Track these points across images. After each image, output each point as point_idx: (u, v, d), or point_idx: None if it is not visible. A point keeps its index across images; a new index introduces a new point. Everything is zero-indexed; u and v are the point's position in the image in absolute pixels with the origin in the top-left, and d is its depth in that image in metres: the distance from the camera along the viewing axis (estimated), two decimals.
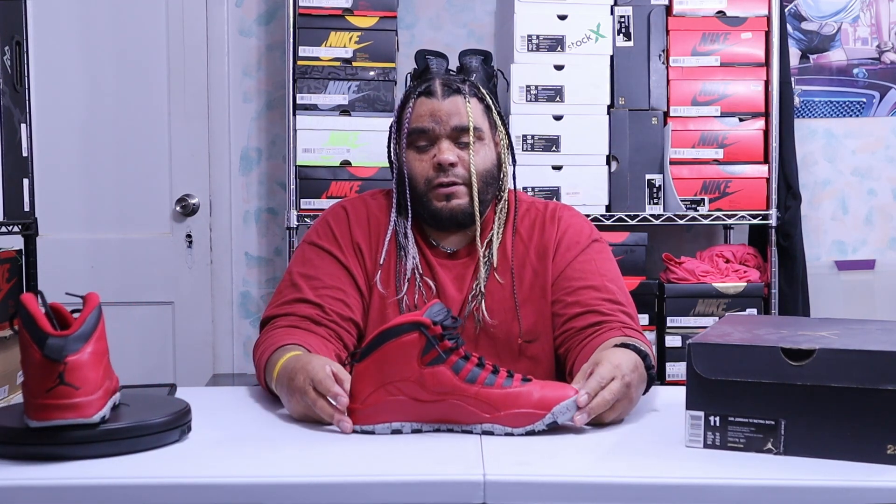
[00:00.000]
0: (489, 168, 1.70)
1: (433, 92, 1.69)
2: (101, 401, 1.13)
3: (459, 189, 1.66)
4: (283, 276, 1.71)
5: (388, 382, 1.24)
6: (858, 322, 1.33)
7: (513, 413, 1.23)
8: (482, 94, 1.73)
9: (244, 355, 3.09)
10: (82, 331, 1.13)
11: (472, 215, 1.67)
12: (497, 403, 1.23)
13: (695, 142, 2.78)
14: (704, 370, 1.15)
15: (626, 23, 2.76)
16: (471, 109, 1.67)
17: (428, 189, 1.67)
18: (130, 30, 3.02)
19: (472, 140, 1.66)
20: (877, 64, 3.14)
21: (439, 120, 1.67)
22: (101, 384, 1.14)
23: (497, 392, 1.23)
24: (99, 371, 1.14)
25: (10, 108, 2.13)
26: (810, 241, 3.06)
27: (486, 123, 1.72)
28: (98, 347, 1.15)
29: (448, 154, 1.65)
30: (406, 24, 3.06)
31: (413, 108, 1.70)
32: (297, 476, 1.08)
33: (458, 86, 1.70)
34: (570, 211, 1.78)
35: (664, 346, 2.72)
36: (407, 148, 1.70)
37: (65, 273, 2.90)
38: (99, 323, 1.16)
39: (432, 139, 1.68)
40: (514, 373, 1.28)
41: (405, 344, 1.23)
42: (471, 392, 1.23)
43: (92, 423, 1.12)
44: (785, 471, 1.08)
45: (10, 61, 2.13)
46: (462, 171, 1.66)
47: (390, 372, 1.24)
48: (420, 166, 1.68)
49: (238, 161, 3.10)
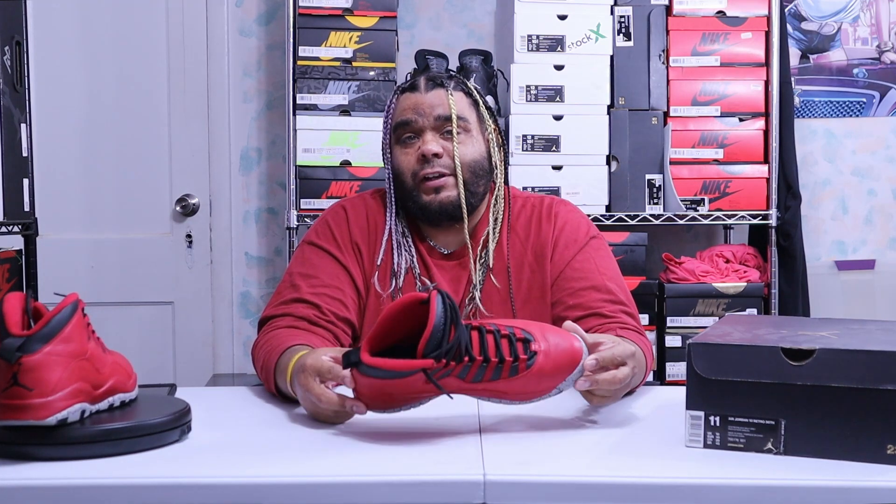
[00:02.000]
0: (477, 159, 1.69)
1: (416, 86, 1.71)
2: (62, 403, 1.10)
3: (447, 180, 1.66)
4: (283, 276, 1.71)
5: (395, 397, 1.23)
6: (858, 322, 1.33)
7: (519, 395, 1.23)
8: (469, 89, 1.73)
9: (244, 355, 3.09)
10: (43, 332, 1.10)
11: (461, 207, 1.66)
12: (503, 391, 1.23)
13: (695, 142, 2.78)
14: (704, 370, 1.15)
15: (626, 23, 2.76)
16: (453, 101, 1.68)
17: (416, 183, 1.67)
18: (130, 30, 3.03)
19: (455, 129, 1.66)
20: (877, 64, 3.14)
21: (422, 112, 1.67)
22: (65, 386, 1.10)
23: (503, 383, 1.22)
24: (62, 372, 1.10)
25: (10, 108, 2.13)
26: (810, 241, 3.06)
27: (474, 116, 1.71)
28: (66, 349, 1.11)
29: (431, 144, 1.66)
30: (406, 24, 3.06)
31: (396, 103, 1.71)
32: (297, 476, 1.08)
33: (441, 80, 1.71)
34: (566, 206, 1.77)
35: (664, 346, 2.72)
36: (394, 144, 1.71)
37: (65, 273, 2.90)
38: (67, 324, 1.12)
39: (417, 131, 1.68)
40: (520, 354, 1.21)
41: (410, 380, 1.19)
42: (478, 388, 1.22)
43: (46, 425, 1.09)
44: (785, 471, 1.08)
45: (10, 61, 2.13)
46: (448, 161, 1.66)
47: (396, 394, 1.22)
48: (406, 160, 1.69)
49: (238, 161, 3.10)
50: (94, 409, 1.17)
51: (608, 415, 1.37)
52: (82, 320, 1.16)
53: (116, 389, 1.21)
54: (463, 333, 1.18)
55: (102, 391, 1.18)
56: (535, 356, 1.22)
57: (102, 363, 1.19)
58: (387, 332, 1.22)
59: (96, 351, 1.18)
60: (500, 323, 1.24)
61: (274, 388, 1.45)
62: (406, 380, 1.18)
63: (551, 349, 1.23)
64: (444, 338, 1.16)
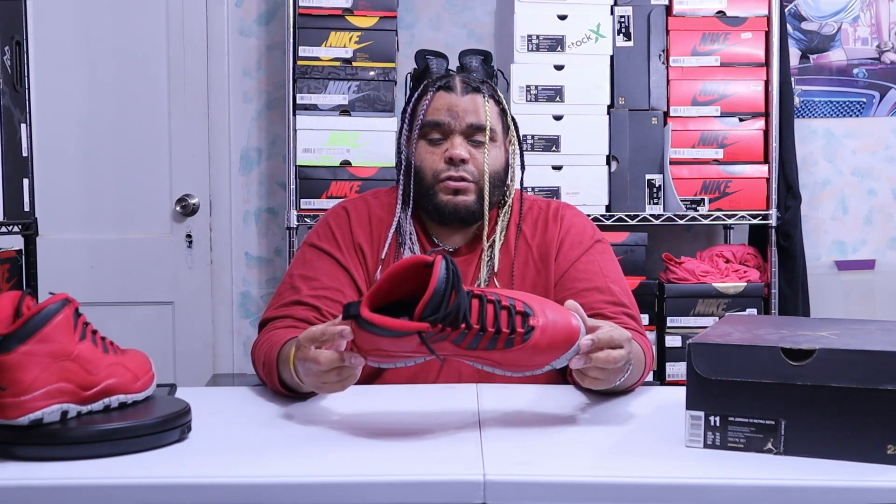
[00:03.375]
0: (498, 170, 1.70)
1: (452, 87, 1.70)
2: (38, 403, 1.10)
3: (468, 186, 1.66)
4: (284, 277, 1.71)
5: (390, 354, 1.23)
6: (858, 322, 1.33)
7: (512, 366, 1.23)
8: (499, 98, 1.74)
9: (244, 355, 3.09)
10: (20, 331, 1.10)
11: (475, 213, 1.67)
12: (497, 362, 1.23)
13: (695, 142, 2.78)
14: (704, 370, 1.15)
15: (626, 23, 2.76)
16: (489, 109, 1.68)
17: (435, 182, 1.67)
18: (130, 30, 3.03)
19: (487, 139, 1.67)
20: (877, 64, 3.14)
21: (456, 115, 1.67)
22: (41, 386, 1.10)
23: (497, 354, 1.22)
24: (39, 372, 1.10)
25: (10, 108, 2.13)
26: (810, 241, 3.06)
27: (500, 126, 1.73)
28: (45, 348, 1.11)
29: (461, 150, 1.66)
30: (406, 24, 3.06)
31: (430, 100, 1.70)
32: (297, 476, 1.08)
33: (477, 84, 1.71)
34: (572, 210, 1.78)
35: (664, 346, 2.72)
36: (418, 139, 1.70)
37: (65, 273, 2.90)
38: (47, 323, 1.12)
39: (446, 133, 1.68)
40: (517, 327, 1.20)
41: (404, 340, 1.20)
42: (471, 355, 1.22)
43: (18, 425, 1.09)
44: (785, 471, 1.08)
45: (10, 61, 2.13)
46: (473, 169, 1.67)
47: (390, 350, 1.22)
48: (430, 158, 1.69)
49: (238, 161, 3.10)
50: (82, 409, 1.16)
51: (608, 415, 1.37)
52: (69, 320, 1.15)
53: (113, 391, 1.20)
54: (463, 300, 1.18)
55: (94, 392, 1.17)
56: (532, 331, 1.21)
57: (96, 364, 1.17)
58: (389, 289, 1.22)
59: (88, 351, 1.17)
60: (502, 293, 1.23)
61: (278, 383, 1.45)
62: (401, 339, 1.17)
63: (549, 325, 1.22)
64: (444, 303, 1.16)
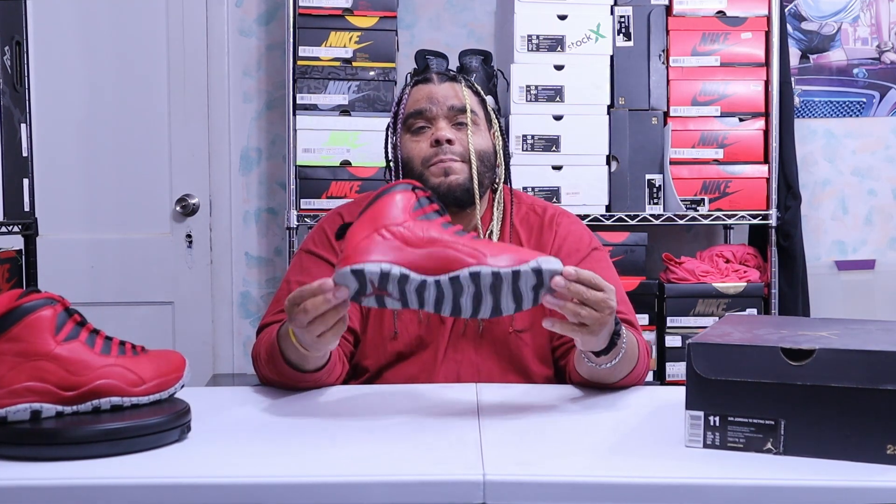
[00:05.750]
0: (486, 150, 1.71)
1: (429, 78, 1.74)
2: (2, 401, 1.11)
3: (457, 165, 1.67)
4: (281, 283, 1.71)
5: (381, 227, 1.27)
6: (858, 322, 1.33)
7: (499, 257, 1.24)
8: (476, 89, 1.77)
9: (244, 355, 3.09)
10: None
11: (469, 191, 1.67)
12: (483, 249, 1.25)
13: (695, 142, 2.78)
14: (704, 370, 1.15)
15: (626, 23, 2.76)
16: (467, 94, 1.71)
17: (425, 167, 1.68)
18: (130, 30, 3.03)
19: (469, 120, 1.69)
20: (877, 64, 3.14)
21: (436, 101, 1.70)
22: (7, 385, 1.11)
23: (483, 241, 1.27)
24: (6, 371, 1.11)
25: (10, 108, 2.13)
26: (810, 241, 3.06)
27: (482, 112, 1.75)
28: (13, 347, 1.12)
29: (445, 131, 1.68)
30: (406, 24, 3.06)
31: (409, 94, 1.73)
32: (297, 476, 1.08)
33: (454, 74, 1.75)
34: (568, 217, 1.78)
35: (664, 346, 2.72)
36: (404, 133, 1.72)
37: (65, 273, 2.90)
38: (17, 323, 1.12)
39: (429, 120, 1.70)
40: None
41: (398, 197, 1.29)
42: (459, 241, 1.26)
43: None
44: (785, 471, 1.08)
45: (10, 61, 2.14)
46: (459, 149, 1.68)
47: (383, 218, 1.28)
48: (416, 147, 1.70)
49: (238, 161, 3.10)
50: (64, 409, 1.16)
51: (608, 415, 1.37)
52: (49, 320, 1.15)
53: (104, 392, 1.19)
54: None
55: (78, 393, 1.16)
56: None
57: (84, 365, 1.17)
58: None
59: (74, 352, 1.16)
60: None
61: (284, 365, 1.45)
62: (396, 198, 1.28)
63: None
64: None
